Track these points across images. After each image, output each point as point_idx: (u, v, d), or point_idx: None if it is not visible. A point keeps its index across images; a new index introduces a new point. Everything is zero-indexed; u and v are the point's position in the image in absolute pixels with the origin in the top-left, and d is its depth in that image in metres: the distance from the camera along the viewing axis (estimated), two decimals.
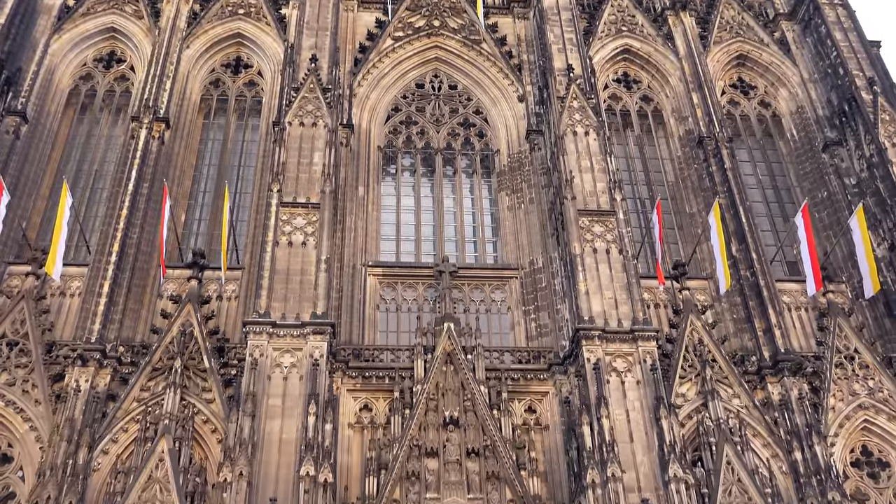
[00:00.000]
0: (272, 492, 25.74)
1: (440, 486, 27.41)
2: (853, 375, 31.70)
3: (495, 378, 30.27)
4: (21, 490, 27.89)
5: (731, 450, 28.05)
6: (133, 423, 28.55)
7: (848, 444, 30.91)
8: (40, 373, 29.28)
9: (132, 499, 25.99)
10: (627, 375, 29.05)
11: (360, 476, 28.31)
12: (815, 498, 27.86)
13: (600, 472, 26.49)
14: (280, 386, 27.99)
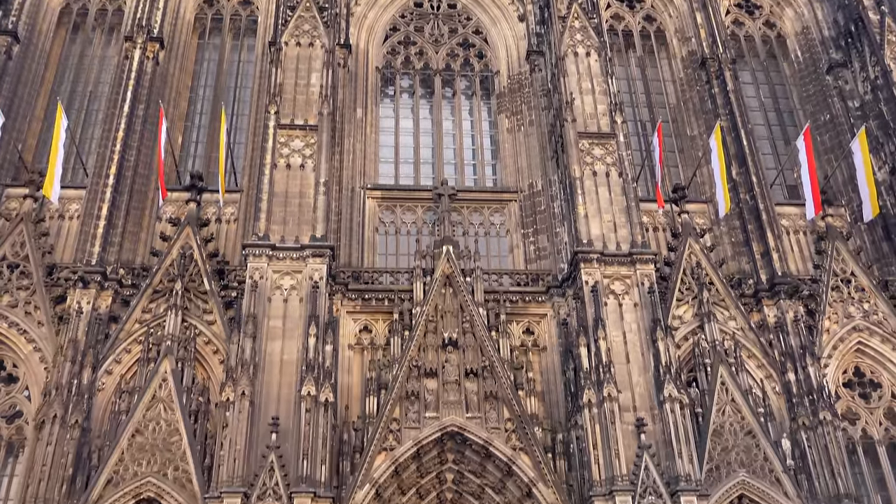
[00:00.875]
0: (274, 411, 26.21)
1: (439, 406, 27.91)
2: (849, 298, 31.97)
3: (494, 300, 30.54)
4: (27, 409, 28.40)
5: (725, 370, 28.51)
6: (136, 344, 28.91)
7: (841, 366, 31.37)
8: (42, 295, 29.51)
9: (137, 417, 26.53)
10: (625, 298, 29.27)
11: (360, 396, 28.82)
12: (806, 417, 28.43)
13: (597, 392, 26.94)
14: (280, 308, 28.22)
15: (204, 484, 25.54)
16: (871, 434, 30.70)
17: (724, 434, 27.59)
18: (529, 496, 27.22)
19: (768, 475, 27.07)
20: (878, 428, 30.77)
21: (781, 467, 27.20)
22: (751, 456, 27.31)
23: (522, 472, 27.16)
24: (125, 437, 26.18)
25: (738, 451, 27.34)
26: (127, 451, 26.05)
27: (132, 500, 25.55)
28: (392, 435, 27.41)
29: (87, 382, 27.41)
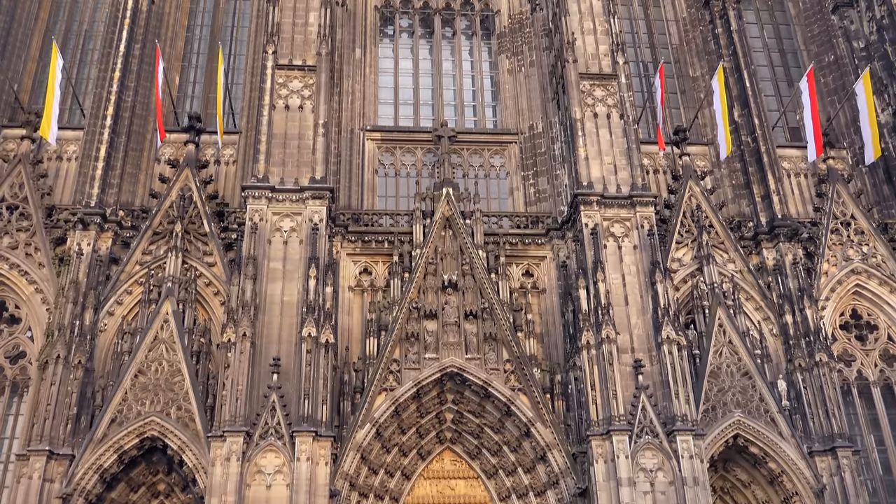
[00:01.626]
0: (275, 352, 26.44)
1: (439, 347, 28.15)
2: (848, 241, 32.00)
3: (493, 243, 30.58)
4: (31, 349, 28.65)
5: (723, 313, 28.70)
6: (136, 285, 29.01)
7: (838, 308, 31.56)
8: (42, 236, 29.52)
9: (139, 358, 26.77)
10: (624, 240, 29.28)
11: (360, 337, 29.04)
12: (802, 359, 28.69)
13: (595, 334, 27.14)
14: (280, 250, 28.26)
15: (207, 423, 25.90)
16: (866, 375, 31.05)
17: (720, 375, 27.90)
18: (528, 435, 27.64)
19: (763, 415, 27.45)
20: (873, 369, 31.11)
21: (777, 408, 27.57)
22: (747, 397, 27.66)
23: (521, 412, 27.54)
24: (128, 377, 26.47)
25: (735, 391, 27.68)
26: (130, 391, 26.36)
27: (136, 439, 25.93)
28: (392, 375, 27.71)
29: (89, 323, 27.58)
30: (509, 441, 28.26)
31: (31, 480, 24.88)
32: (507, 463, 28.47)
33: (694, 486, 25.26)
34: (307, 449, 24.94)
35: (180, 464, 26.06)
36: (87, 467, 25.38)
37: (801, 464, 26.95)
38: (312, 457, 24.96)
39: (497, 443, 28.53)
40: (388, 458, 28.12)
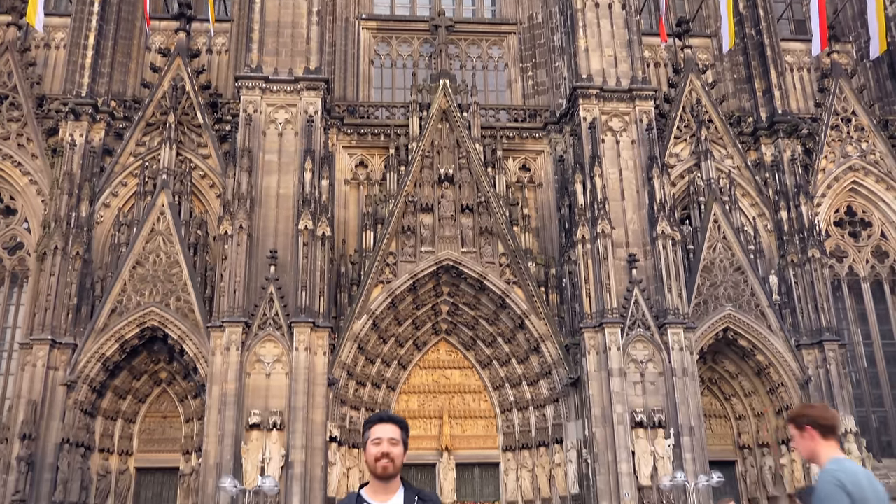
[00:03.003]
0: (272, 244, 26.58)
1: (435, 240, 28.30)
2: (847, 138, 31.78)
3: (490, 136, 30.32)
4: (28, 240, 28.75)
5: (719, 208, 28.77)
6: (131, 177, 28.87)
7: (834, 205, 31.64)
8: (34, 126, 29.17)
9: (137, 249, 26.90)
10: (623, 135, 29.04)
11: (357, 230, 29.15)
12: (795, 254, 28.95)
13: (590, 229, 27.27)
14: (275, 142, 28.02)
15: (206, 314, 26.26)
16: (856, 271, 31.42)
17: (713, 270, 28.20)
18: (522, 328, 28.13)
19: (754, 309, 27.90)
20: (864, 266, 31.46)
21: (767, 302, 28.00)
22: (738, 291, 28.04)
23: (515, 305, 27.94)
24: (126, 268, 26.67)
25: (727, 286, 28.05)
26: (129, 282, 26.62)
27: (136, 329, 26.35)
28: (388, 268, 27.96)
29: (86, 215, 27.58)
30: (504, 333, 28.78)
31: (34, 368, 25.41)
32: (502, 354, 29.09)
33: (683, 377, 25.93)
34: (305, 339, 25.40)
35: (181, 353, 26.57)
36: (90, 356, 25.88)
37: (789, 356, 27.58)
38: (311, 347, 25.45)
39: (492, 334, 29.07)
40: (384, 349, 28.69)
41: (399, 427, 3.00)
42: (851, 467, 4.02)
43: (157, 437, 27.96)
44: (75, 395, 25.61)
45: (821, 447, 4.15)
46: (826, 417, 4.26)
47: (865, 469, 4.19)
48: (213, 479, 23.85)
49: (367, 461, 2.94)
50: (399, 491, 2.97)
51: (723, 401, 29.56)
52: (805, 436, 4.32)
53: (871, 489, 3.96)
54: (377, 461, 2.92)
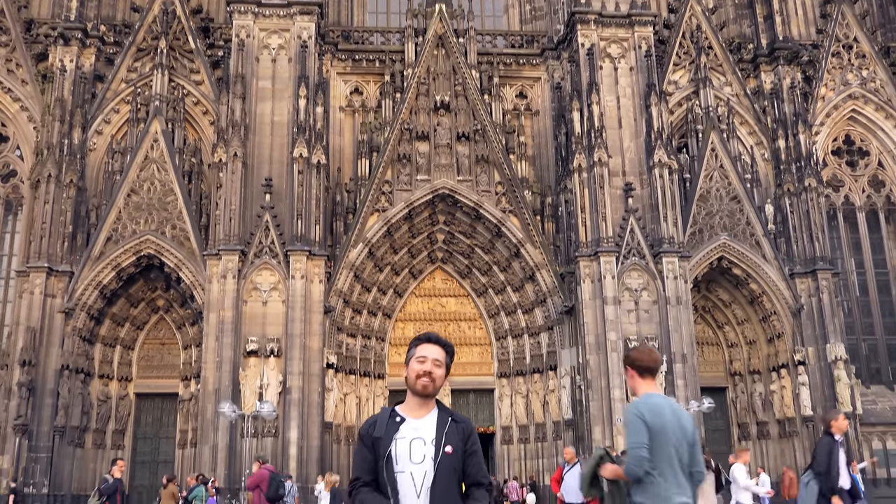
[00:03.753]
0: (267, 172, 26.43)
1: (431, 169, 28.15)
2: (848, 65, 31.39)
3: (487, 63, 29.88)
4: (21, 168, 28.56)
5: (716, 137, 28.58)
6: (123, 104, 28.51)
7: (832, 134, 31.45)
8: (22, 51, 28.67)
9: (131, 177, 26.75)
10: (621, 61, 28.64)
11: (352, 158, 28.96)
12: (791, 183, 28.89)
13: (587, 157, 27.12)
14: (269, 68, 27.60)
15: (202, 242, 26.27)
16: (852, 201, 31.42)
17: (709, 199, 28.16)
18: (517, 256, 28.22)
19: (749, 239, 27.98)
20: (860, 195, 31.45)
21: (762, 231, 28.06)
22: (734, 220, 28.07)
23: (511, 234, 27.98)
24: (121, 196, 26.56)
25: (722, 215, 28.05)
26: (124, 210, 26.54)
27: (133, 257, 26.38)
28: (384, 197, 27.88)
29: (78, 142, 27.32)
30: (499, 261, 28.89)
31: (32, 296, 25.52)
32: (497, 282, 29.25)
33: (677, 305, 26.16)
34: (301, 267, 25.49)
35: (178, 281, 26.67)
36: (87, 283, 25.97)
37: (782, 285, 27.77)
38: (307, 275, 25.56)
39: (487, 263, 29.18)
40: (380, 277, 28.82)
41: (445, 351, 3.06)
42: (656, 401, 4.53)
43: (156, 363, 28.29)
44: (73, 322, 25.80)
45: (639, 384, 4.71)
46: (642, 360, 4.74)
47: (673, 403, 4.72)
48: (212, 405, 24.22)
49: (407, 377, 3.02)
50: (434, 411, 3.04)
51: (715, 329, 29.89)
52: (629, 374, 4.87)
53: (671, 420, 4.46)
54: (418, 378, 2.99)
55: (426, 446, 2.93)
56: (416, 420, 3.00)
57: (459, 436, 3.00)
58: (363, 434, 3.01)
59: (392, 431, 2.95)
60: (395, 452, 2.91)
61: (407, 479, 2.87)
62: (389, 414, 3.05)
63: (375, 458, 2.94)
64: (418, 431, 2.96)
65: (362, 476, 2.94)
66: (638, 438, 4.43)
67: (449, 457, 2.92)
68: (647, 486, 4.35)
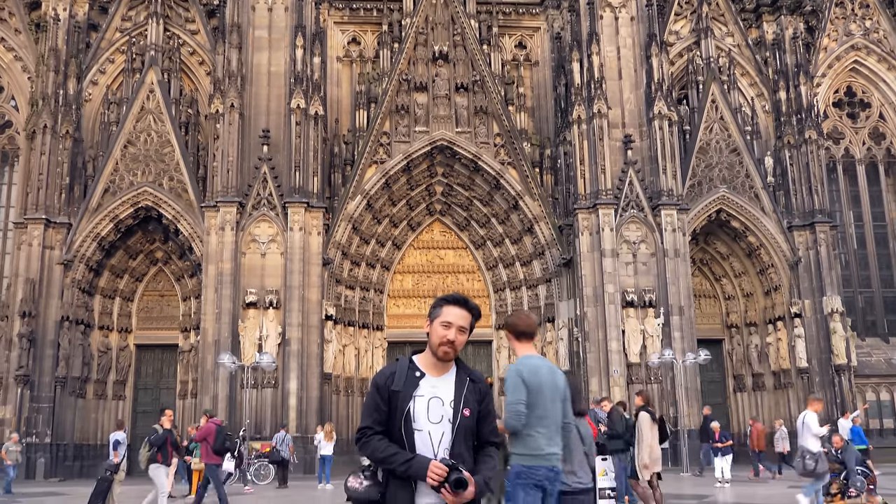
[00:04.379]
0: (264, 123, 26.24)
1: (429, 120, 27.95)
2: (851, 15, 31.04)
3: (486, 12, 29.47)
4: (17, 119, 28.35)
5: (717, 88, 28.33)
6: (119, 54, 28.19)
7: (833, 85, 31.21)
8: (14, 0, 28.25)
9: (127, 128, 26.55)
10: (622, 11, 28.25)
11: (350, 109, 28.74)
12: (792, 136, 28.73)
13: (586, 108, 26.91)
14: (265, 17, 27.22)
15: (199, 194, 26.19)
16: (852, 153, 31.32)
17: (709, 151, 28.02)
18: (516, 208, 28.18)
19: (748, 191, 27.92)
20: (860, 147, 31.33)
21: (762, 184, 27.98)
22: (733, 173, 27.97)
23: (510, 186, 27.90)
24: (118, 147, 26.39)
25: (721, 168, 27.94)
26: (121, 162, 26.40)
27: (131, 209, 26.31)
28: (382, 148, 27.73)
29: (74, 93, 27.06)
30: (497, 213, 28.85)
31: (30, 248, 25.51)
32: (495, 234, 29.25)
33: (675, 258, 26.21)
34: (299, 219, 25.46)
35: (176, 233, 26.64)
36: (85, 235, 25.95)
37: (780, 238, 27.79)
38: (305, 227, 25.54)
39: (485, 215, 29.14)
40: (378, 229, 28.81)
41: (472, 315, 3.02)
42: (534, 362, 4.89)
43: (156, 315, 28.39)
44: (72, 273, 25.83)
45: (517, 347, 5.06)
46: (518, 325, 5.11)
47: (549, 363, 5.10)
48: (212, 356, 24.38)
49: (430, 336, 2.97)
50: (452, 369, 3.02)
51: (713, 281, 29.99)
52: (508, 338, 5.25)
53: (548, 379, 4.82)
54: (440, 345, 2.95)
55: (444, 407, 2.92)
56: (435, 378, 2.98)
57: (476, 396, 3.00)
58: (380, 385, 2.97)
59: (412, 388, 2.92)
60: (413, 410, 2.89)
61: (424, 438, 2.87)
62: (409, 366, 3.02)
63: (389, 411, 2.93)
64: (436, 390, 2.94)
65: (374, 426, 2.92)
66: (517, 396, 4.71)
67: (466, 419, 2.93)
68: (523, 439, 4.69)
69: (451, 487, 2.71)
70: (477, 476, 2.83)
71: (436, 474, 2.73)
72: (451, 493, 2.73)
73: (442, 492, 2.76)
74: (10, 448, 20.55)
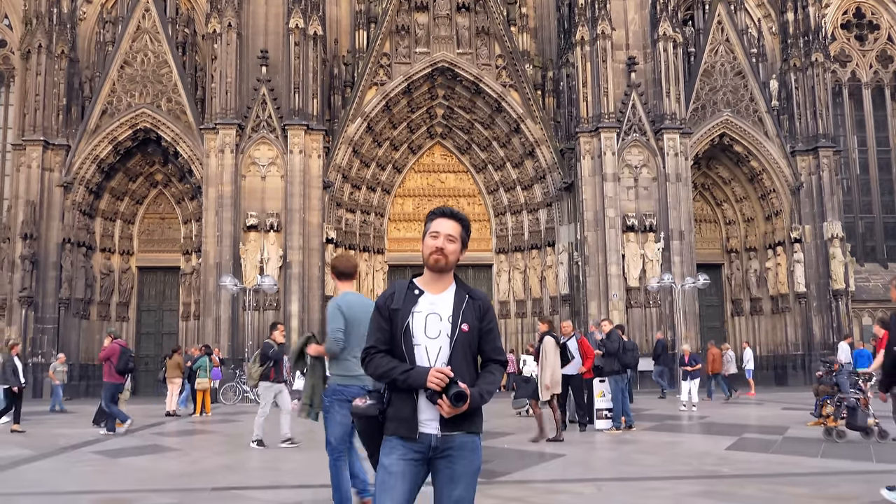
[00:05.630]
0: (262, 44, 25.81)
1: (430, 41, 27.49)
2: None
3: None
4: (11, 38, 27.92)
5: (723, 9, 27.78)
6: None
7: (842, 6, 30.62)
8: None
9: (123, 48, 26.13)
10: None
11: (349, 29, 28.24)
12: (798, 58, 28.29)
13: (590, 30, 26.42)
14: None
15: (198, 116, 25.95)
16: (859, 77, 30.90)
17: (713, 74, 27.64)
18: (517, 132, 27.96)
19: (752, 115, 27.65)
20: (867, 71, 30.89)
21: (766, 107, 27.70)
22: (737, 96, 27.66)
23: (511, 109, 27.62)
24: (114, 67, 26.03)
25: (726, 91, 27.61)
26: (118, 83, 26.08)
27: (129, 130, 26.11)
28: (382, 70, 27.35)
29: (68, 11, 26.56)
30: (499, 137, 28.64)
31: (30, 169, 25.42)
32: (496, 158, 29.09)
33: (676, 183, 26.11)
34: (299, 142, 25.29)
35: (175, 155, 26.50)
36: (84, 157, 25.82)
37: (783, 162, 27.65)
38: (305, 149, 25.38)
39: (487, 138, 28.93)
40: (379, 152, 28.64)
41: (461, 225, 3.04)
42: (350, 298, 5.57)
43: (157, 237, 28.47)
44: (72, 196, 25.80)
45: (339, 285, 5.72)
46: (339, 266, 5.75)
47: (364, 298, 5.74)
48: (214, 278, 24.54)
49: (423, 252, 3.03)
50: (452, 286, 3.05)
51: (714, 206, 29.95)
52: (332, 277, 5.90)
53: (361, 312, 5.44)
54: (431, 254, 2.99)
55: (442, 322, 2.96)
56: (434, 295, 3.03)
57: (476, 313, 3.04)
58: (380, 305, 3.03)
59: (410, 304, 2.97)
60: (412, 325, 2.95)
61: (422, 353, 2.92)
62: (408, 286, 3.08)
63: (391, 330, 2.99)
64: (434, 306, 2.98)
65: (377, 346, 2.98)
66: (336, 325, 5.40)
67: (465, 334, 2.97)
68: (340, 362, 5.40)
69: (451, 401, 2.78)
70: (473, 389, 2.89)
71: (437, 379, 2.80)
72: (450, 406, 2.79)
73: (439, 402, 2.82)
74: (58, 368, 20.84)
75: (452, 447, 2.91)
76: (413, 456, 2.88)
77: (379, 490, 2.88)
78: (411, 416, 2.91)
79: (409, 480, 2.88)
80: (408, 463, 2.88)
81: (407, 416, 2.91)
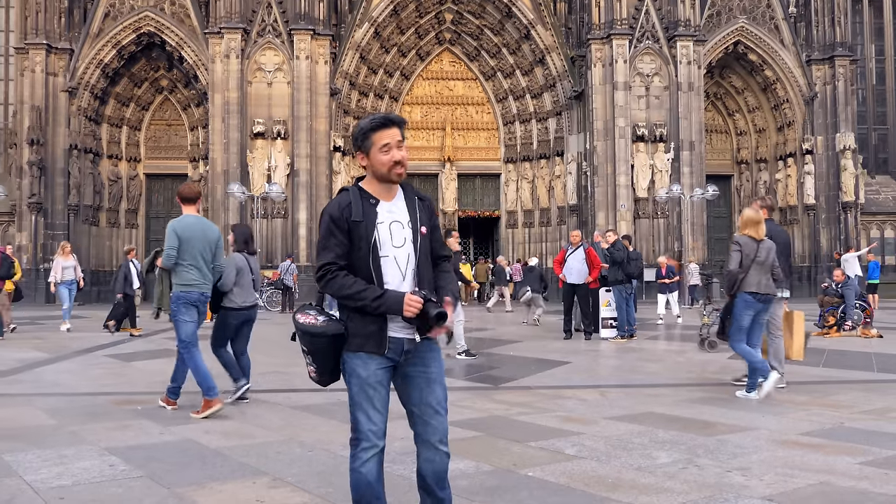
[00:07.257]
0: None
1: None
2: None
3: None
4: None
5: None
6: None
7: None
8: None
9: None
10: None
11: None
12: None
13: None
14: None
15: (202, 20, 25.47)
16: None
17: None
18: (527, 38, 27.40)
19: (768, 22, 27.01)
20: None
21: (783, 14, 27.02)
22: (754, 2, 26.97)
23: (522, 14, 27.00)
24: None
25: None
26: None
27: (133, 34, 25.69)
28: None
29: None
30: (508, 43, 28.09)
31: (34, 74, 25.14)
32: (506, 65, 28.60)
33: (688, 92, 25.71)
34: (306, 47, 24.86)
35: (180, 60, 26.14)
36: (88, 62, 25.50)
37: (797, 72, 27.14)
38: (311, 55, 24.97)
39: (496, 45, 28.39)
40: (386, 59, 28.18)
41: (399, 128, 2.94)
42: (188, 220, 6.41)
43: (164, 144, 28.34)
44: (77, 101, 25.59)
45: (183, 208, 6.48)
46: (184, 193, 6.48)
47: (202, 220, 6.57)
48: (222, 186, 24.54)
49: (373, 166, 2.87)
50: (399, 192, 2.98)
51: (725, 116, 29.57)
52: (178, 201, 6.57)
53: (197, 232, 6.37)
54: (391, 169, 2.87)
55: (404, 229, 2.88)
56: (388, 203, 2.94)
57: (427, 214, 2.98)
58: (336, 217, 2.86)
59: (372, 216, 2.88)
60: (379, 237, 2.86)
61: (391, 264, 2.84)
62: (360, 195, 2.97)
63: (351, 242, 2.89)
64: (393, 215, 2.90)
65: (337, 261, 2.86)
66: (171, 243, 6.28)
67: (424, 237, 2.91)
68: (179, 273, 6.37)
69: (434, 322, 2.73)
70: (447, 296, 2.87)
71: (413, 306, 2.75)
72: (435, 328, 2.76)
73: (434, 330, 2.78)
74: None
75: (423, 350, 2.89)
76: (387, 364, 2.85)
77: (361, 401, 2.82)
78: (378, 331, 2.84)
79: (387, 386, 2.88)
80: (385, 371, 2.86)
81: (374, 332, 2.84)
